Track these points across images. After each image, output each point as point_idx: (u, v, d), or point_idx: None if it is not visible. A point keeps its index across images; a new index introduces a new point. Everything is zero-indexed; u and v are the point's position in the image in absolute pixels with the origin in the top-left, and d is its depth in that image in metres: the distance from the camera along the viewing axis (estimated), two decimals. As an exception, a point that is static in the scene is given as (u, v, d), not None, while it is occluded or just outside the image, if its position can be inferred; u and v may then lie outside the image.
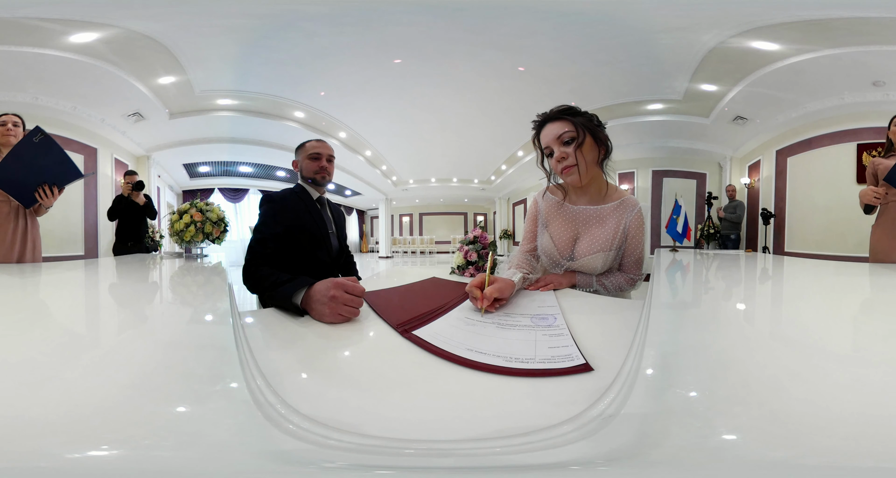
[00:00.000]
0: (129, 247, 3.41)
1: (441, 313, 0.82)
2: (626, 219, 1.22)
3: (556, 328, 0.73)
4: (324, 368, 0.62)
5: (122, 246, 3.45)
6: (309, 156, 1.58)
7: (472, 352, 0.62)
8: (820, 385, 0.40)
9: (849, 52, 3.26)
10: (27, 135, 1.65)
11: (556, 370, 0.56)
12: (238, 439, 0.36)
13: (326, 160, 1.58)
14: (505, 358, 0.59)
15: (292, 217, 1.46)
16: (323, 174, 1.58)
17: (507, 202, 7.64)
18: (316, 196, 1.59)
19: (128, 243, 3.44)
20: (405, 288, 1.19)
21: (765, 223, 4.52)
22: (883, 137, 2.02)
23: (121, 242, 3.48)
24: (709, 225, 4.57)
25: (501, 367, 0.57)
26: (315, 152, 1.58)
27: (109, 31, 3.17)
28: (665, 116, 4.46)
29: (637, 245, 1.26)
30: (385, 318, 0.80)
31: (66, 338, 0.57)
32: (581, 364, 0.57)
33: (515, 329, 0.74)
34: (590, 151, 1.18)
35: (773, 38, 3.27)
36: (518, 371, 0.56)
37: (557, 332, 0.71)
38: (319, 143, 1.62)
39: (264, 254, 1.31)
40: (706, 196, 4.75)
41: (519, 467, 0.35)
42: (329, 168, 1.59)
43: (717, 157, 4.90)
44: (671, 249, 3.29)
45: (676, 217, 4.22)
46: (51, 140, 1.65)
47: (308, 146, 1.61)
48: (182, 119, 4.37)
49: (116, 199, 3.50)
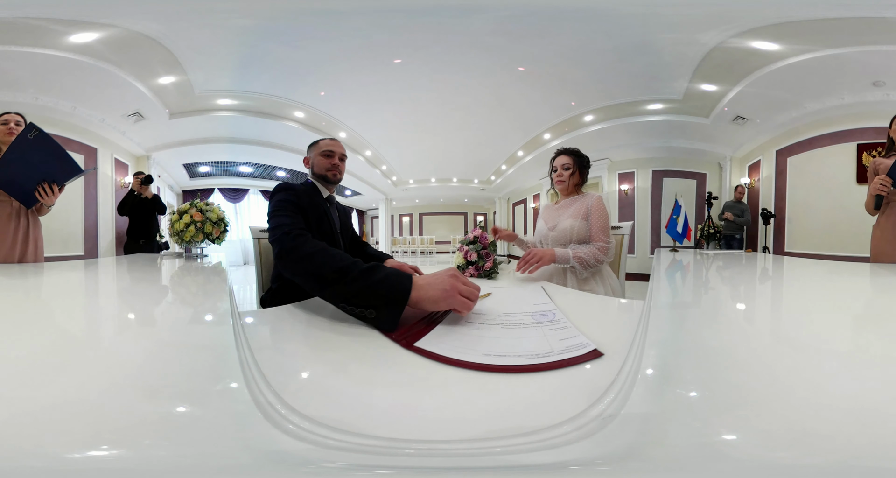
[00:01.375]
0: (142, 245, 3.41)
1: (438, 320, 0.77)
2: (588, 202, 1.82)
3: (560, 322, 0.76)
4: (324, 367, 0.62)
5: (135, 244, 3.44)
6: (322, 153, 1.58)
7: (489, 356, 0.60)
8: (820, 385, 0.40)
9: (849, 52, 3.26)
10: (21, 132, 1.62)
11: (576, 358, 0.59)
12: (238, 439, 0.36)
13: (339, 159, 1.59)
14: (527, 356, 0.60)
15: (308, 209, 1.41)
16: (335, 172, 1.57)
17: (507, 202, 7.64)
18: (326, 195, 1.58)
19: (140, 241, 3.44)
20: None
21: (765, 223, 4.51)
22: (883, 137, 2.02)
23: (133, 240, 3.47)
24: (709, 225, 4.55)
25: (526, 365, 0.57)
26: (329, 150, 1.58)
27: (109, 31, 3.17)
28: (665, 116, 4.46)
29: (600, 217, 1.78)
30: (383, 331, 0.71)
31: (67, 338, 0.58)
32: (593, 350, 0.61)
33: (521, 328, 0.73)
34: (576, 176, 1.91)
35: (773, 38, 3.27)
36: (543, 366, 0.57)
37: (561, 325, 0.74)
38: (333, 141, 1.62)
39: (300, 230, 1.07)
40: (706, 196, 4.75)
41: (519, 467, 0.35)
42: (341, 166, 1.59)
43: (717, 157, 4.89)
44: (671, 249, 3.29)
45: (676, 217, 4.23)
46: (46, 136, 1.62)
47: (322, 144, 1.61)
48: (182, 119, 4.36)
49: (128, 194, 3.52)
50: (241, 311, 0.79)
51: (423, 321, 0.75)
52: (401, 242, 8.67)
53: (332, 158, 1.57)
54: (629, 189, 5.24)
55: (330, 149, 1.58)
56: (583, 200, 1.85)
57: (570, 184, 1.92)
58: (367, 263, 0.80)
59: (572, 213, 1.84)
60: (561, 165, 1.92)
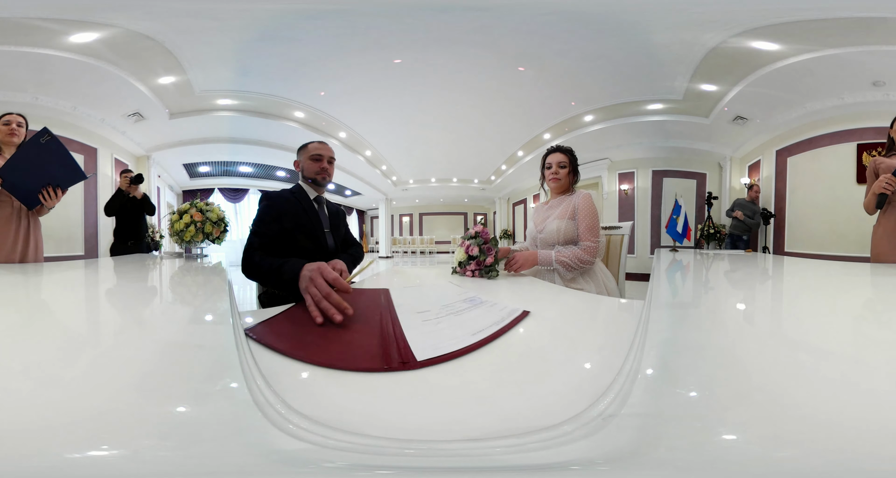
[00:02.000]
0: (130, 246, 3.26)
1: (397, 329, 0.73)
2: (576, 200, 1.79)
3: (489, 302, 0.94)
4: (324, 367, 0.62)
5: (122, 245, 3.28)
6: (311, 157, 1.61)
7: (463, 338, 0.67)
8: (820, 385, 0.40)
9: (849, 52, 3.26)
10: (34, 136, 1.63)
11: (514, 321, 0.75)
12: (238, 439, 0.36)
13: (327, 162, 1.62)
14: (483, 331, 0.70)
15: (288, 215, 1.50)
16: (323, 175, 1.62)
17: (507, 202, 7.64)
18: (314, 195, 1.62)
19: (128, 242, 3.29)
20: (290, 315, 0.84)
21: (765, 223, 4.51)
22: (883, 137, 2.02)
23: (120, 242, 3.31)
24: (709, 225, 4.55)
25: (488, 336, 0.68)
26: (317, 154, 1.61)
27: (109, 31, 3.17)
28: (665, 116, 4.46)
29: (587, 215, 1.75)
30: (339, 364, 0.58)
31: (67, 338, 0.58)
32: (524, 311, 0.81)
33: (465, 312, 0.86)
34: (569, 175, 1.90)
35: (773, 38, 3.27)
36: (498, 332, 0.69)
37: (491, 303, 0.93)
38: (321, 144, 1.66)
39: (260, 244, 1.40)
40: (706, 196, 4.75)
41: (519, 467, 0.35)
42: (329, 169, 1.64)
43: (717, 157, 4.89)
44: (671, 249, 3.30)
45: (676, 217, 4.22)
46: (57, 142, 1.65)
47: (310, 147, 1.64)
48: (182, 119, 4.37)
49: (115, 194, 3.31)
50: (241, 311, 0.79)
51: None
52: (401, 242, 8.67)
53: (321, 162, 1.61)
54: (629, 189, 5.24)
55: (318, 153, 1.62)
56: (570, 199, 1.82)
57: (566, 182, 1.89)
58: (289, 260, 1.07)
59: (559, 213, 1.81)
60: (557, 163, 1.87)
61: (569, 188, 1.92)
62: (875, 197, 1.81)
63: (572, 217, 1.77)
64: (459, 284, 1.36)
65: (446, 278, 1.56)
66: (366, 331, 0.73)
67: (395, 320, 0.79)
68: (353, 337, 0.70)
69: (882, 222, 1.88)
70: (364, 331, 0.73)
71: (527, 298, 1.22)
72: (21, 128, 1.85)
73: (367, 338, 0.69)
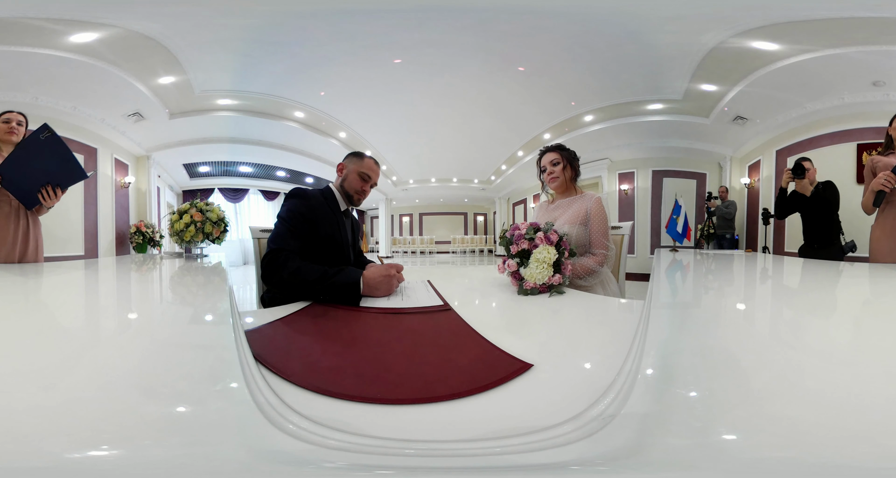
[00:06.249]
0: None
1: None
2: (588, 204, 1.70)
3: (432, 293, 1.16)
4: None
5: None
6: (361, 173, 1.53)
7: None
8: (819, 385, 0.40)
9: (849, 52, 3.26)
10: (34, 132, 1.60)
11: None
12: (238, 439, 0.36)
13: (370, 186, 1.56)
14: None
15: (324, 222, 1.42)
16: (360, 196, 1.55)
17: (507, 202, 7.64)
18: (343, 208, 1.55)
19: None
20: (290, 330, 0.80)
21: (765, 223, 4.50)
22: (883, 137, 2.02)
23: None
24: (709, 225, 4.55)
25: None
26: (368, 173, 1.54)
27: (109, 31, 3.17)
28: (665, 116, 4.46)
29: (600, 222, 1.68)
30: (351, 394, 0.49)
31: (67, 338, 0.57)
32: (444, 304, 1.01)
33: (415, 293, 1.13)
34: (568, 170, 1.81)
35: (773, 38, 3.27)
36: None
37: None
38: (377, 166, 1.58)
39: (298, 248, 1.27)
40: (706, 196, 4.75)
41: (519, 467, 0.35)
42: (368, 193, 1.57)
43: (717, 157, 4.89)
44: (671, 249, 3.29)
45: (676, 217, 4.23)
46: (58, 138, 1.61)
47: (366, 164, 1.55)
48: (182, 119, 4.37)
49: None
50: (241, 311, 0.79)
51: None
52: (401, 242, 8.67)
53: (367, 183, 1.54)
54: (629, 189, 5.23)
55: (370, 173, 1.54)
56: (581, 202, 1.73)
57: (565, 179, 1.81)
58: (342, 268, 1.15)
59: (570, 217, 1.71)
60: (549, 162, 1.82)
61: (570, 185, 1.85)
62: (873, 195, 1.81)
63: (584, 222, 1.68)
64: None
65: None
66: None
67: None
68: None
69: (880, 223, 1.87)
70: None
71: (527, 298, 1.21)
72: (21, 126, 1.83)
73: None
